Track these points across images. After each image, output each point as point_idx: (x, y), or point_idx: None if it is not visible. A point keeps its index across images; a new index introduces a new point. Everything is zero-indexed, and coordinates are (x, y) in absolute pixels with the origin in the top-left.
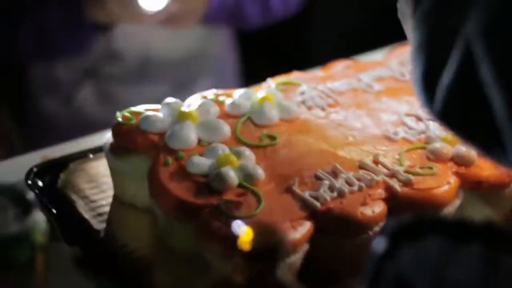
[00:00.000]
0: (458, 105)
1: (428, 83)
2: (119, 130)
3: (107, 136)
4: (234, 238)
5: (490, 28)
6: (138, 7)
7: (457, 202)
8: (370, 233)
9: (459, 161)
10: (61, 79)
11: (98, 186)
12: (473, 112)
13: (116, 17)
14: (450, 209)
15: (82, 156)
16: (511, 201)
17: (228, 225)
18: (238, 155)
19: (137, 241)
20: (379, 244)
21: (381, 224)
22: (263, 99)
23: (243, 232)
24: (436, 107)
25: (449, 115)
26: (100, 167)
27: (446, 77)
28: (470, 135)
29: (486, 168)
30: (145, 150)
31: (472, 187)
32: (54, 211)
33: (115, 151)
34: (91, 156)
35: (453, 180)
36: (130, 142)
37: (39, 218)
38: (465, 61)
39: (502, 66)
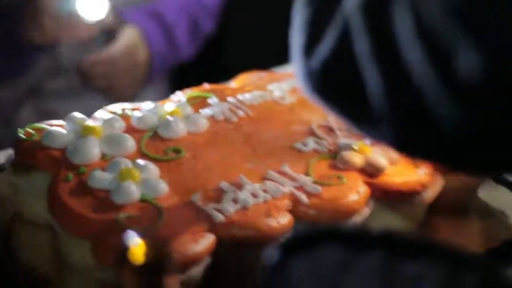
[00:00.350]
0: (332, 79)
1: (305, 56)
2: (21, 146)
3: (8, 153)
4: (125, 251)
5: (367, 3)
6: (75, 24)
7: (366, 212)
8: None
9: (369, 170)
10: (2, 101)
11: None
12: (347, 87)
13: (54, 37)
14: (358, 219)
15: None
16: (422, 210)
17: (123, 238)
18: (141, 169)
19: (38, 258)
20: (271, 255)
21: (288, 235)
22: (169, 112)
23: (134, 243)
24: (311, 80)
25: (324, 88)
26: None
27: (323, 51)
28: (343, 109)
29: (396, 177)
30: (46, 166)
31: (382, 196)
32: None
33: (17, 168)
34: None
35: (363, 189)
36: (31, 159)
37: None
38: (342, 36)
39: (378, 42)
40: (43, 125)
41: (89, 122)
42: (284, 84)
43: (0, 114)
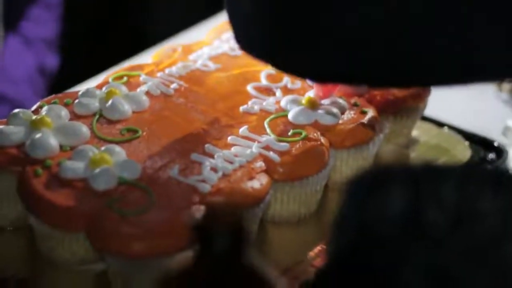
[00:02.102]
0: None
1: None
2: None
3: None
4: (134, 236)
5: None
6: None
7: (331, 163)
8: (261, 206)
9: (323, 121)
10: None
11: None
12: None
13: None
14: (327, 171)
15: None
16: (374, 151)
17: (123, 223)
18: (110, 153)
19: (15, 263)
20: (343, 199)
21: (269, 196)
22: (110, 93)
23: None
24: None
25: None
26: None
27: None
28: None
29: (348, 124)
30: (5, 166)
31: (340, 144)
32: None
33: None
34: None
35: (324, 141)
36: None
37: None
38: None
39: None
40: None
41: (36, 116)
42: (201, 52)
43: None
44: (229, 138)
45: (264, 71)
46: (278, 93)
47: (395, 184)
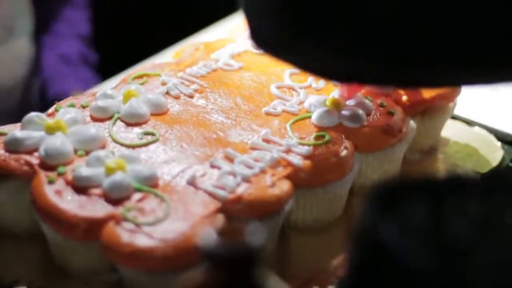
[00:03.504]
0: None
1: None
2: None
3: None
4: (148, 248)
5: None
6: None
7: (356, 167)
8: (282, 213)
9: (348, 123)
10: None
11: None
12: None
13: None
14: (352, 176)
15: None
16: (401, 153)
17: (138, 234)
18: (125, 158)
19: (29, 273)
20: (361, 219)
21: (290, 202)
22: (128, 95)
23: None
24: None
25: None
26: None
27: None
28: None
29: (376, 127)
30: (18, 172)
31: (366, 147)
32: None
33: None
34: None
35: (348, 144)
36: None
37: None
38: None
39: None
40: (2, 130)
41: (50, 119)
42: (223, 50)
43: None
44: (249, 141)
45: (288, 70)
46: (302, 93)
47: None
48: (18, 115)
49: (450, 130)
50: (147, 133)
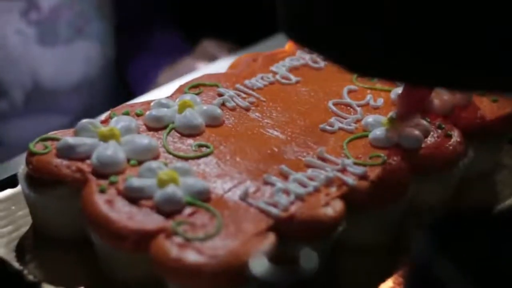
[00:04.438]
0: None
1: None
2: (35, 161)
3: (21, 170)
4: (197, 264)
5: None
6: None
7: (412, 190)
8: (334, 234)
9: (405, 145)
10: None
11: (13, 221)
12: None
13: None
14: (407, 198)
15: None
16: (458, 178)
17: (188, 249)
18: (178, 170)
19: (76, 281)
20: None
21: (343, 223)
22: (184, 106)
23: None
24: None
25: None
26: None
27: None
28: None
29: (433, 149)
30: (69, 179)
31: (422, 170)
32: None
33: (34, 185)
34: None
35: (405, 165)
36: (50, 173)
37: None
38: None
39: None
40: (55, 135)
41: (104, 127)
42: (283, 63)
43: None
44: (304, 159)
45: (347, 87)
46: (360, 111)
47: (473, 231)
48: (83, 114)
49: (507, 153)
50: (201, 145)
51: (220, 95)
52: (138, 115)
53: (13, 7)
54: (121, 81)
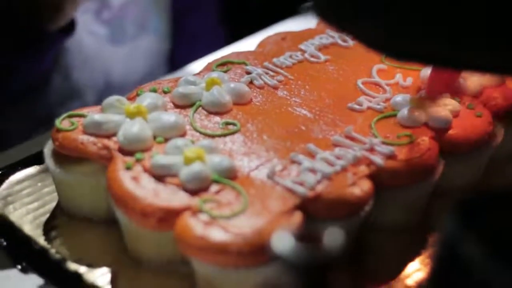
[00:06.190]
0: None
1: None
2: (61, 138)
3: (47, 147)
4: (223, 243)
5: None
6: None
7: (440, 170)
8: (362, 213)
9: (433, 124)
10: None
11: (39, 198)
12: None
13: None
14: (435, 178)
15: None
16: (486, 159)
17: (213, 227)
18: (204, 148)
19: (101, 258)
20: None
21: (371, 202)
22: (211, 83)
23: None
24: None
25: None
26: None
27: None
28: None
29: (461, 129)
30: (95, 156)
31: (451, 150)
32: None
33: (60, 161)
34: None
35: (434, 145)
36: (77, 150)
37: None
38: None
39: None
40: (81, 112)
41: (131, 104)
42: (311, 42)
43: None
44: (332, 138)
45: (376, 66)
46: (389, 90)
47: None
48: None
49: None
50: (228, 123)
51: (248, 73)
52: (165, 92)
53: (88, 8)
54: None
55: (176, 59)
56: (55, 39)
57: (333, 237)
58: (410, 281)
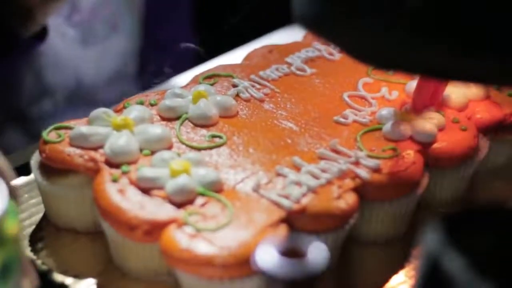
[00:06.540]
0: None
1: None
2: (48, 150)
3: (34, 158)
4: (208, 255)
5: None
6: None
7: (424, 183)
8: (346, 226)
9: (418, 138)
10: None
11: (26, 209)
12: None
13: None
14: (419, 192)
15: None
16: (471, 172)
17: (199, 240)
18: (190, 161)
19: (88, 269)
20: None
21: (355, 216)
22: (198, 96)
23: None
24: None
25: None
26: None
27: None
28: None
29: (446, 143)
30: (82, 168)
31: (435, 164)
32: None
33: (47, 173)
34: None
35: (418, 159)
36: (63, 162)
37: None
38: None
39: None
40: (68, 124)
41: (118, 116)
42: (298, 55)
43: None
44: (318, 151)
45: (362, 80)
46: (374, 104)
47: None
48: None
49: None
50: (214, 136)
51: (235, 86)
52: (152, 104)
53: (59, 11)
54: (146, 71)
55: (144, 57)
56: (27, 45)
57: (317, 251)
58: None
